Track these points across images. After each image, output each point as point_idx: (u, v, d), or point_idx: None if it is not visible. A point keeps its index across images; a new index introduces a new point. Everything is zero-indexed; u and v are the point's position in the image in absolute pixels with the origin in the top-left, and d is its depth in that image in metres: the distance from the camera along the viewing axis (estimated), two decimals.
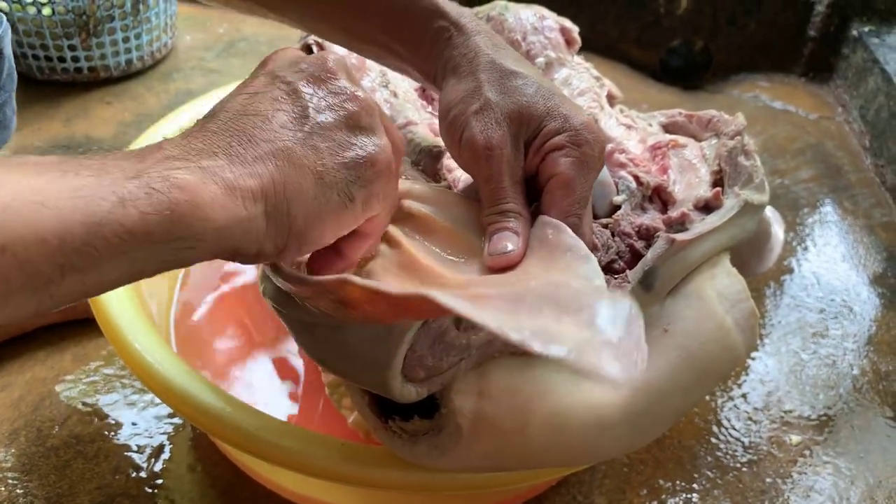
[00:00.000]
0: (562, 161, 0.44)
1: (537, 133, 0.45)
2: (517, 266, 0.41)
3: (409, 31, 0.48)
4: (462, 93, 0.45)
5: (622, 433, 0.43)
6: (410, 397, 0.40)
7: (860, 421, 0.79)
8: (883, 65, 1.24)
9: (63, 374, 0.76)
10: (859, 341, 0.89)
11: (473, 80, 0.45)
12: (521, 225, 0.43)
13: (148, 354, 0.53)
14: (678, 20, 1.42)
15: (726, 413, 0.78)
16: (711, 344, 0.45)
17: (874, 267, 1.01)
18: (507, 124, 0.44)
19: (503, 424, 0.41)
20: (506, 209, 0.43)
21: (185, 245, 0.32)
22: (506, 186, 0.44)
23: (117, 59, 1.20)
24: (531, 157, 0.45)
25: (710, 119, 0.58)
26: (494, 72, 0.45)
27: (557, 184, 0.44)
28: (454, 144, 0.46)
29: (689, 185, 0.52)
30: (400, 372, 0.40)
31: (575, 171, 0.44)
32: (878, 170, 1.19)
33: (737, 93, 1.40)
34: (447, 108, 0.46)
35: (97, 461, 0.68)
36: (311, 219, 0.36)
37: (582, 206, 0.44)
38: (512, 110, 0.44)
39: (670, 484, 0.71)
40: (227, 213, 0.33)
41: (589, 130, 0.45)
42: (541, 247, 0.42)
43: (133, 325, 0.55)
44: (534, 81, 0.46)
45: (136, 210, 0.30)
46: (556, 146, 0.44)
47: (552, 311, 0.33)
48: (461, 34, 0.47)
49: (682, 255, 0.47)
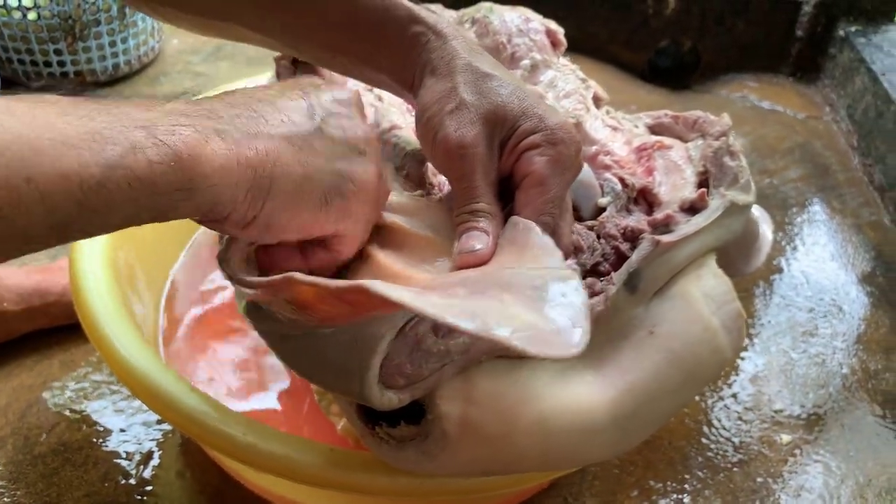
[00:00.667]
0: (536, 160, 0.44)
1: (512, 133, 0.45)
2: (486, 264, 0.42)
3: (386, 39, 0.48)
4: (438, 94, 0.45)
5: (609, 436, 0.43)
6: (392, 405, 0.40)
7: (850, 420, 0.79)
8: (869, 64, 1.24)
9: (51, 380, 0.75)
10: (848, 340, 0.89)
11: (449, 81, 0.45)
12: (492, 225, 0.43)
13: (134, 361, 0.52)
14: (666, 21, 1.42)
15: (717, 413, 0.78)
16: (698, 345, 0.45)
17: (862, 266, 1.01)
18: (482, 124, 0.44)
19: (489, 430, 0.40)
20: (476, 208, 0.44)
21: (181, 197, 0.34)
22: (478, 185, 0.44)
23: (104, 63, 1.20)
24: (506, 157, 0.45)
25: (696, 120, 0.58)
26: (470, 74, 0.46)
27: (531, 182, 0.44)
28: (429, 144, 0.46)
29: (675, 186, 0.52)
30: (377, 381, 0.40)
31: (549, 170, 0.44)
32: (865, 169, 1.20)
33: (725, 93, 1.40)
34: (423, 108, 0.46)
35: (85, 468, 0.67)
36: (285, 205, 0.37)
37: (556, 205, 0.44)
38: (487, 110, 0.44)
39: (661, 485, 0.71)
40: (221, 174, 0.34)
41: (564, 130, 0.45)
42: (510, 246, 0.42)
43: (119, 331, 0.54)
44: (509, 83, 0.46)
45: (144, 157, 0.32)
46: (531, 145, 0.44)
47: (506, 295, 0.33)
48: (438, 39, 0.47)
49: (666, 257, 0.47)
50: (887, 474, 0.74)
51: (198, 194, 0.34)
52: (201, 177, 0.34)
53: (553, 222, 0.44)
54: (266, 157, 0.36)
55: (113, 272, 0.61)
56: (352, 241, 0.42)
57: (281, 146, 0.37)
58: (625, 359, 0.44)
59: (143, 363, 0.52)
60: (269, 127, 0.37)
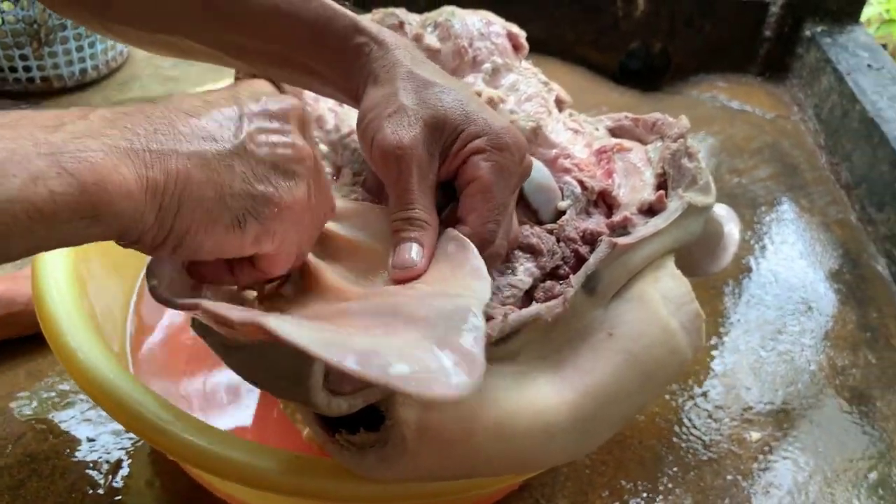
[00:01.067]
0: (482, 165, 0.44)
1: (456, 137, 0.45)
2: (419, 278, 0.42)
3: (329, 51, 0.48)
4: (378, 99, 0.45)
5: (569, 439, 0.43)
6: (342, 410, 0.40)
7: (818, 416, 0.80)
8: (835, 64, 1.26)
9: (17, 390, 0.74)
10: (816, 337, 0.90)
11: (390, 87, 0.45)
12: (427, 235, 0.43)
13: (97, 370, 0.52)
14: (636, 23, 1.43)
15: (687, 412, 0.79)
16: (656, 347, 0.46)
17: (830, 263, 1.02)
18: (421, 128, 0.44)
19: (448, 434, 0.40)
20: (412, 216, 0.43)
21: (86, 224, 0.33)
22: (414, 189, 0.43)
23: (71, 68, 1.19)
24: (450, 161, 0.45)
25: (655, 122, 0.58)
26: (411, 81, 0.46)
27: (476, 189, 0.44)
28: (367, 148, 0.46)
29: (634, 188, 0.52)
30: (322, 387, 0.39)
31: (495, 177, 0.44)
32: (832, 167, 1.21)
33: (695, 93, 1.41)
34: (363, 114, 0.46)
35: (52, 479, 0.67)
36: (196, 227, 0.36)
37: (500, 212, 0.44)
38: (428, 115, 0.44)
39: (632, 484, 0.71)
40: (129, 201, 0.33)
41: (510, 135, 0.45)
42: (445, 261, 0.42)
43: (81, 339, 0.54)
44: (451, 90, 0.46)
45: (46, 189, 0.31)
46: (476, 150, 0.44)
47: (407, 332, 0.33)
48: (381, 48, 0.47)
49: (624, 259, 0.47)
50: (854, 469, 0.75)
51: (103, 221, 0.33)
52: (106, 204, 0.32)
53: (497, 228, 0.44)
54: (177, 178, 0.35)
55: (77, 280, 0.60)
56: (280, 261, 0.41)
57: (194, 167, 0.35)
58: (584, 361, 0.45)
59: (105, 372, 0.51)
60: (185, 146, 0.36)
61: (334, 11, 0.47)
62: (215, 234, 0.37)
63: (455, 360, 0.32)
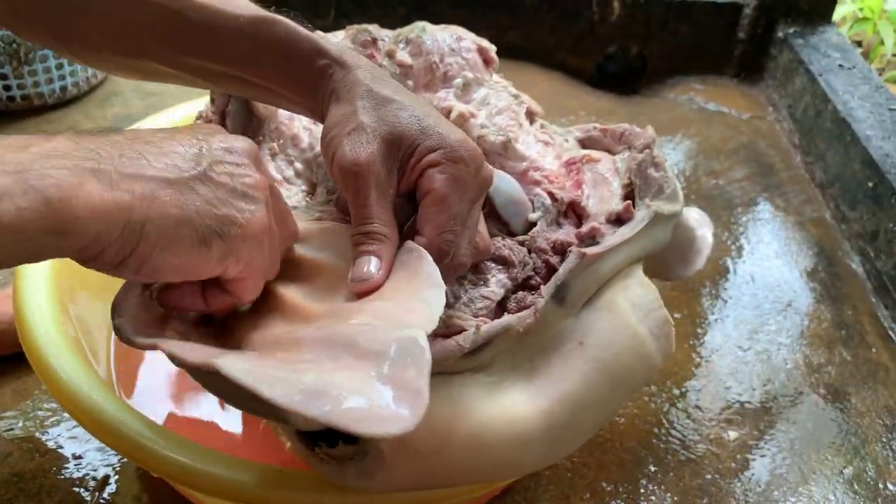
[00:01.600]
0: (437, 177, 0.45)
1: (413, 151, 0.46)
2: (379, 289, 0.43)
3: (294, 75, 0.49)
4: (339, 118, 0.47)
5: (542, 447, 0.44)
6: (315, 426, 0.41)
7: (794, 413, 0.82)
8: (808, 65, 1.28)
9: (3, 409, 0.75)
10: (793, 335, 0.92)
11: (350, 106, 0.47)
12: (385, 248, 0.44)
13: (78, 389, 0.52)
14: (612, 27, 1.45)
15: (666, 413, 0.80)
16: (626, 354, 0.47)
17: (805, 262, 1.04)
18: (379, 144, 0.45)
19: (423, 447, 0.41)
20: (370, 230, 0.44)
21: (52, 240, 0.34)
22: (372, 204, 0.45)
23: (51, 86, 1.19)
24: (408, 175, 0.46)
25: (623, 132, 0.59)
26: (370, 99, 0.47)
27: (432, 200, 0.45)
28: (329, 164, 0.47)
29: (602, 198, 0.53)
30: None
31: (450, 188, 0.45)
32: (807, 167, 1.23)
33: (672, 96, 1.43)
34: (325, 132, 0.48)
35: (40, 498, 0.67)
36: (160, 246, 0.37)
37: (457, 222, 0.45)
38: (385, 132, 0.46)
39: (613, 486, 0.72)
40: (94, 215, 0.34)
41: (465, 148, 0.46)
42: (403, 271, 0.43)
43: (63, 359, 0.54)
44: (408, 105, 0.47)
45: (12, 204, 0.32)
46: (432, 163, 0.45)
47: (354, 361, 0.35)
48: (342, 69, 0.48)
49: (593, 269, 0.48)
50: (830, 464, 0.76)
51: (70, 236, 0.34)
52: (73, 219, 0.34)
53: (454, 239, 0.45)
54: (142, 197, 0.36)
55: (59, 298, 0.61)
56: (250, 285, 0.43)
57: (158, 188, 0.37)
58: (555, 370, 0.46)
59: (86, 390, 0.52)
60: (150, 168, 0.37)
61: (297, 35, 0.49)
62: (180, 253, 0.38)
63: (398, 395, 0.33)
